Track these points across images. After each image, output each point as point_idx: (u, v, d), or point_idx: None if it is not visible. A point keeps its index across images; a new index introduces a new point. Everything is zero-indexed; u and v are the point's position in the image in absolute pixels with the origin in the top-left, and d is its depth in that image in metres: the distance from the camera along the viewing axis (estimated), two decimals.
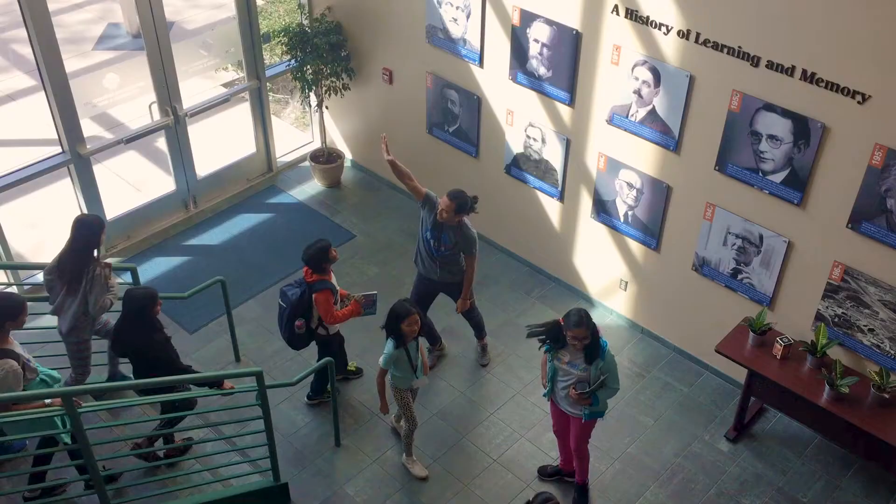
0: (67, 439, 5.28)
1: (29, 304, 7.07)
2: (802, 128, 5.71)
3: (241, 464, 6.28)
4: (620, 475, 6.45)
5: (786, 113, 5.75)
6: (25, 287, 7.69)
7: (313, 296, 6.16)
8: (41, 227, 8.61)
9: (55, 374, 5.44)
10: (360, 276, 8.06)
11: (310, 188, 9.21)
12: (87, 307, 5.80)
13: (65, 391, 4.97)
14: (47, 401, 5.02)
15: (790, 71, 5.62)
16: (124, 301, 5.62)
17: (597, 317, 7.68)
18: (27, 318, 5.06)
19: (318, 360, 6.52)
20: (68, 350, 6.06)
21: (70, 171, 7.74)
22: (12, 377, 4.80)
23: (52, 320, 7.08)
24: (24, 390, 4.91)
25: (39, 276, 7.74)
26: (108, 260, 6.00)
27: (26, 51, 9.00)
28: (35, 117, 10.10)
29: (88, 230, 5.87)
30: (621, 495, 6.31)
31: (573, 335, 5.39)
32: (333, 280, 6.28)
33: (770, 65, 5.70)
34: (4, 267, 7.38)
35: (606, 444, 6.64)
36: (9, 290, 7.45)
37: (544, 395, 5.89)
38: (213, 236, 8.56)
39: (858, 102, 5.41)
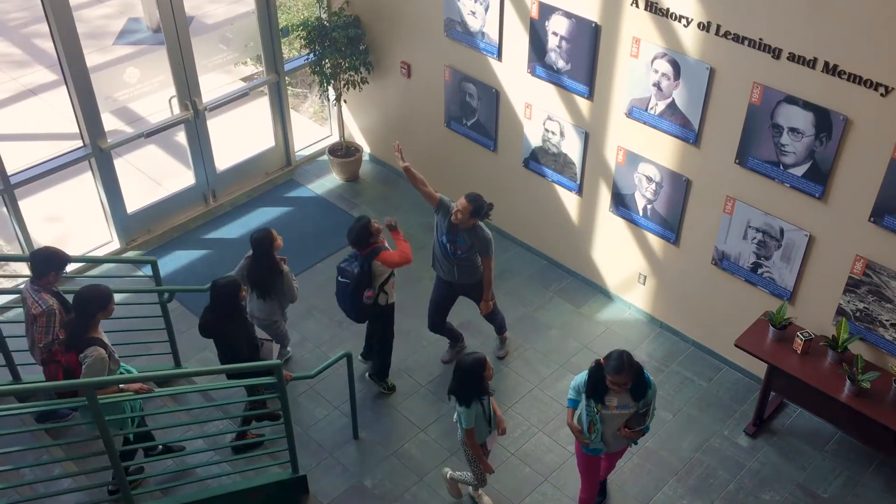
0: (131, 428, 5.40)
1: None
2: (824, 120, 5.65)
3: (261, 455, 6.32)
4: (639, 470, 6.43)
5: (807, 105, 5.69)
6: None
7: (376, 261, 6.23)
8: (63, 221, 8.70)
9: (133, 369, 5.55)
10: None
11: (328, 182, 9.24)
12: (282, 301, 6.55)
13: (143, 376, 5.34)
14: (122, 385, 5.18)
15: (812, 63, 5.57)
16: (210, 291, 5.79)
17: (615, 311, 7.69)
18: (115, 307, 5.25)
19: (371, 334, 6.76)
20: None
21: (91, 165, 7.81)
22: (100, 364, 4.94)
23: None
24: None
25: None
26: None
27: (48, 45, 9.10)
28: (57, 112, 10.21)
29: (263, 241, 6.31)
30: (640, 490, 6.29)
31: (613, 381, 5.01)
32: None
33: (791, 57, 5.65)
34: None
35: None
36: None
37: (594, 452, 5.39)
38: (232, 230, 8.61)
39: (881, 95, 5.35)
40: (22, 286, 5.69)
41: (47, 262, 5.41)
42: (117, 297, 7.19)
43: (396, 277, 6.54)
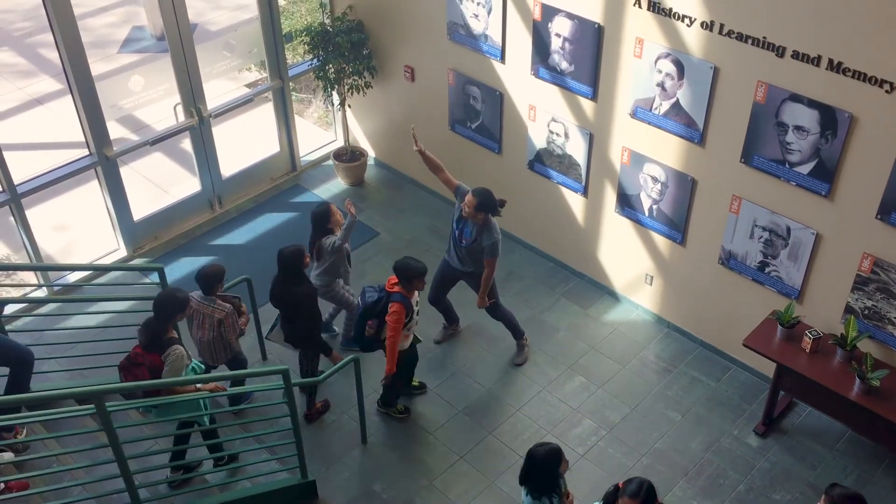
0: (206, 421, 5.82)
1: (60, 304, 7.22)
2: (829, 118, 5.64)
3: (269, 461, 6.33)
4: (648, 471, 6.41)
5: (812, 103, 5.68)
6: (56, 288, 7.79)
7: (389, 304, 6.09)
8: (70, 229, 8.73)
9: (202, 365, 5.92)
10: (384, 274, 8.03)
11: (333, 186, 9.24)
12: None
13: (193, 379, 5.56)
14: (199, 385, 5.60)
15: (816, 61, 5.56)
16: (278, 260, 6.24)
17: (622, 312, 7.68)
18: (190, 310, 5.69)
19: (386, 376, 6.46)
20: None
21: (97, 174, 7.84)
22: (181, 361, 5.42)
23: (81, 321, 7.19)
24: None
25: (70, 278, 7.87)
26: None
27: (53, 55, 9.14)
28: (62, 121, 10.24)
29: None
30: None
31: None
32: (415, 301, 6.21)
33: (796, 55, 5.63)
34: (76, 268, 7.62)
35: (634, 440, 6.61)
36: (34, 289, 7.57)
37: None
38: (238, 236, 8.62)
39: (886, 92, 5.33)
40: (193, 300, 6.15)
41: (214, 277, 6.20)
42: (124, 305, 7.29)
43: (415, 325, 6.37)
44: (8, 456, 5.89)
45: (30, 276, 7.86)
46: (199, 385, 5.55)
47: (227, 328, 6.20)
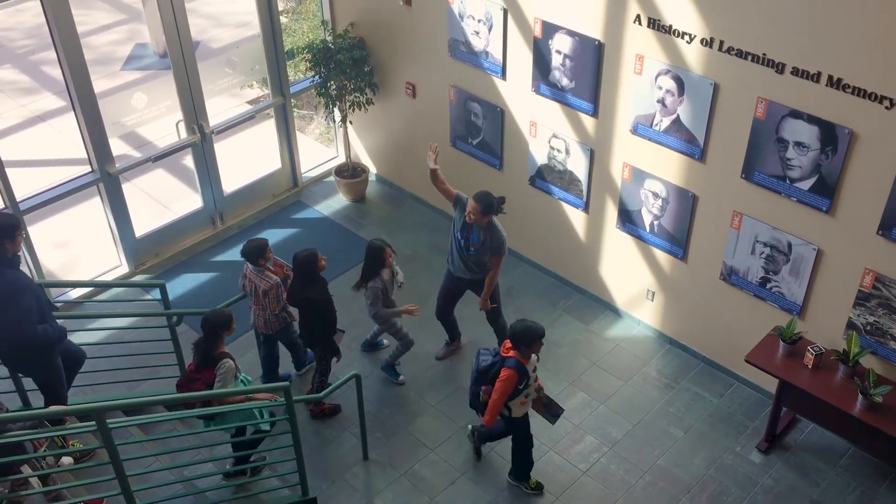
0: (268, 427, 6.01)
1: (61, 321, 7.21)
2: (829, 134, 5.65)
3: (270, 478, 6.31)
4: (651, 488, 6.39)
5: (812, 119, 5.70)
6: (58, 304, 7.79)
7: (503, 373, 5.72)
8: (72, 246, 8.74)
9: (248, 378, 6.08)
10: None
11: (335, 203, 9.26)
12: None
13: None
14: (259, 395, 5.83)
15: (816, 77, 5.58)
16: (293, 264, 6.42)
17: (624, 328, 7.68)
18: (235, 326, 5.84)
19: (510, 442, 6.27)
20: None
21: (100, 190, 7.86)
22: (231, 373, 5.65)
23: (82, 337, 7.18)
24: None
25: (72, 294, 7.87)
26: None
27: (56, 72, 9.18)
28: (65, 137, 10.28)
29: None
30: None
31: None
32: (532, 366, 5.82)
33: (795, 71, 5.65)
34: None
35: (636, 457, 6.59)
36: None
37: None
38: (239, 252, 8.61)
39: (886, 108, 5.35)
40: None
41: (255, 251, 6.49)
42: (126, 322, 7.29)
43: (532, 391, 5.99)
44: (67, 460, 5.98)
45: None
46: (254, 395, 5.77)
47: (270, 299, 6.47)
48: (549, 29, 6.88)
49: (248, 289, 6.66)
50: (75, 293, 7.93)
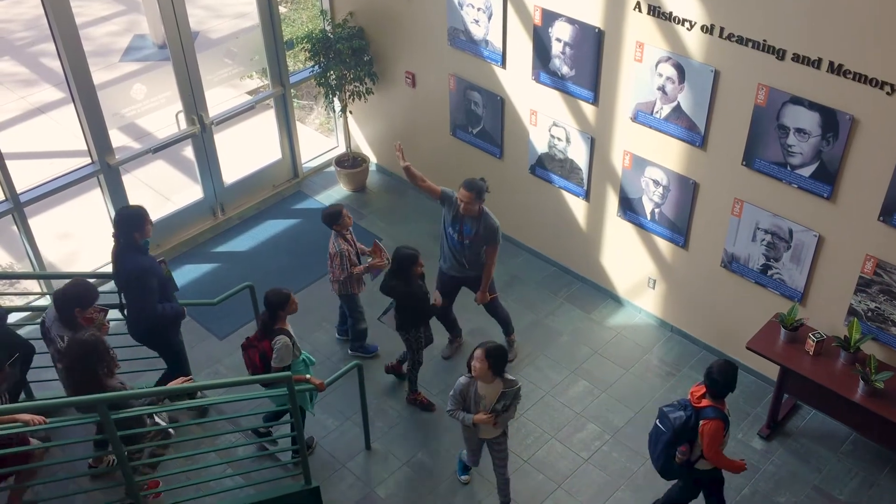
0: (313, 410, 6.25)
1: None
2: (830, 120, 5.64)
3: (273, 468, 6.33)
4: (652, 475, 6.38)
5: (813, 106, 5.68)
6: None
7: (701, 423, 5.27)
8: (73, 237, 8.74)
9: (312, 358, 6.26)
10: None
11: (335, 193, 9.26)
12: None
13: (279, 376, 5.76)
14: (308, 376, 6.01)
15: (817, 63, 5.56)
16: (394, 257, 6.42)
17: (625, 316, 7.69)
18: (297, 305, 6.01)
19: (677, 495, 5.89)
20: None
21: (100, 182, 7.85)
22: (286, 350, 5.82)
23: None
24: (289, 367, 5.91)
25: None
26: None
27: (55, 64, 9.17)
28: (65, 129, 10.27)
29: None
30: (654, 495, 6.26)
31: None
32: (726, 410, 5.37)
33: (796, 57, 5.64)
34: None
35: (638, 444, 6.60)
36: (37, 298, 7.57)
37: None
38: (240, 243, 8.63)
39: (887, 94, 5.33)
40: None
41: (330, 217, 6.76)
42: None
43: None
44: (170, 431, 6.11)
45: (33, 285, 7.87)
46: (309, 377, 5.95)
47: (334, 265, 6.77)
48: (549, 17, 6.86)
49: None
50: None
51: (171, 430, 5.83)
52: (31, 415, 5.10)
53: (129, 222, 5.92)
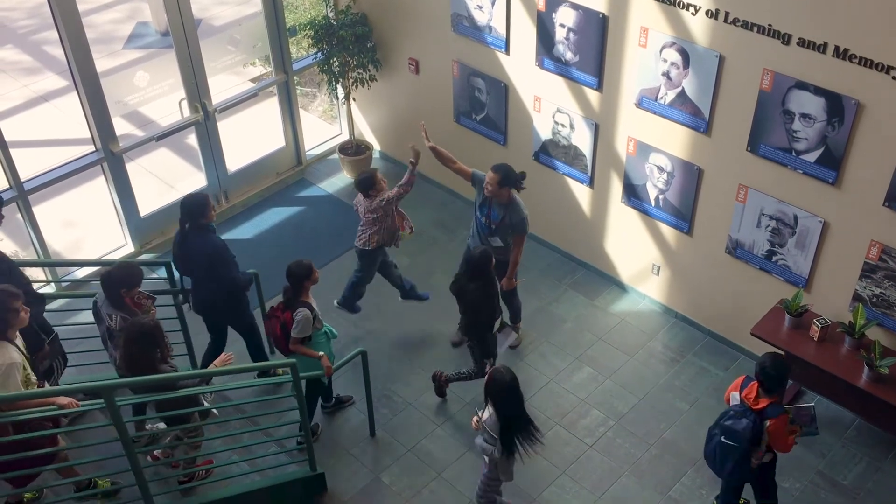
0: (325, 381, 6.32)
1: (70, 300, 7.27)
2: (836, 105, 5.61)
3: (279, 454, 6.35)
4: (657, 461, 6.42)
5: (818, 91, 5.65)
6: (64, 284, 7.82)
7: (767, 423, 5.15)
8: (78, 225, 8.75)
9: (335, 331, 6.37)
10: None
11: (339, 180, 9.25)
12: None
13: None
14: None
15: (822, 48, 5.53)
16: (468, 259, 6.40)
17: (629, 302, 7.68)
18: (318, 275, 6.13)
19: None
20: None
21: (104, 169, 7.86)
22: (307, 322, 5.95)
23: (88, 317, 7.21)
24: (310, 338, 6.11)
25: (78, 273, 7.90)
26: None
27: (58, 52, 9.16)
28: (68, 117, 10.27)
29: None
30: (658, 481, 6.28)
31: None
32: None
33: (801, 42, 5.61)
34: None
35: (642, 430, 6.61)
36: (43, 285, 7.59)
37: None
38: (244, 230, 8.63)
39: (893, 78, 5.31)
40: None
41: (363, 182, 6.90)
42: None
43: None
44: (162, 425, 6.17)
45: (38, 273, 7.88)
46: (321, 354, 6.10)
47: (369, 227, 6.97)
48: (553, 2, 6.82)
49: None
50: (81, 272, 7.94)
51: (214, 410, 5.94)
52: (67, 398, 5.22)
53: (196, 209, 6.26)
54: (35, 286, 7.72)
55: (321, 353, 6.09)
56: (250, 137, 9.52)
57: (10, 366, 5.09)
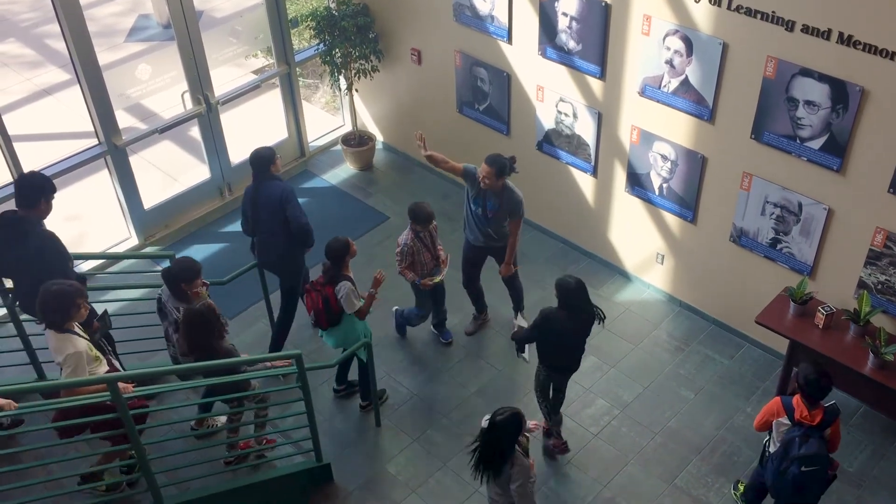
0: (364, 357, 6.42)
1: None
2: (840, 92, 5.59)
3: (284, 445, 6.37)
4: (662, 449, 6.43)
5: (823, 77, 5.63)
6: None
7: (828, 430, 5.19)
8: (81, 219, 8.76)
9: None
10: (394, 258, 8.06)
11: (342, 171, 9.24)
12: None
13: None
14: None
15: (826, 34, 5.50)
16: (560, 285, 6.05)
17: (634, 291, 7.68)
18: (356, 248, 6.32)
19: None
20: None
21: (107, 163, 7.86)
22: (350, 294, 6.15)
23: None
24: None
25: (83, 266, 7.90)
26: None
27: (60, 45, 9.13)
28: (71, 110, 10.26)
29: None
30: (664, 469, 6.29)
31: None
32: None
33: (805, 29, 5.58)
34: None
35: (647, 419, 6.62)
36: None
37: None
38: None
39: None
40: None
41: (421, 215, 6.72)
42: (137, 293, 7.33)
43: None
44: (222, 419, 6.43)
45: None
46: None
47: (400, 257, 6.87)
48: None
49: None
50: (86, 266, 7.96)
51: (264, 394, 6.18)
52: (124, 384, 5.38)
53: (264, 160, 6.61)
54: None
55: (360, 304, 6.23)
56: (253, 129, 9.51)
57: (77, 355, 5.29)
